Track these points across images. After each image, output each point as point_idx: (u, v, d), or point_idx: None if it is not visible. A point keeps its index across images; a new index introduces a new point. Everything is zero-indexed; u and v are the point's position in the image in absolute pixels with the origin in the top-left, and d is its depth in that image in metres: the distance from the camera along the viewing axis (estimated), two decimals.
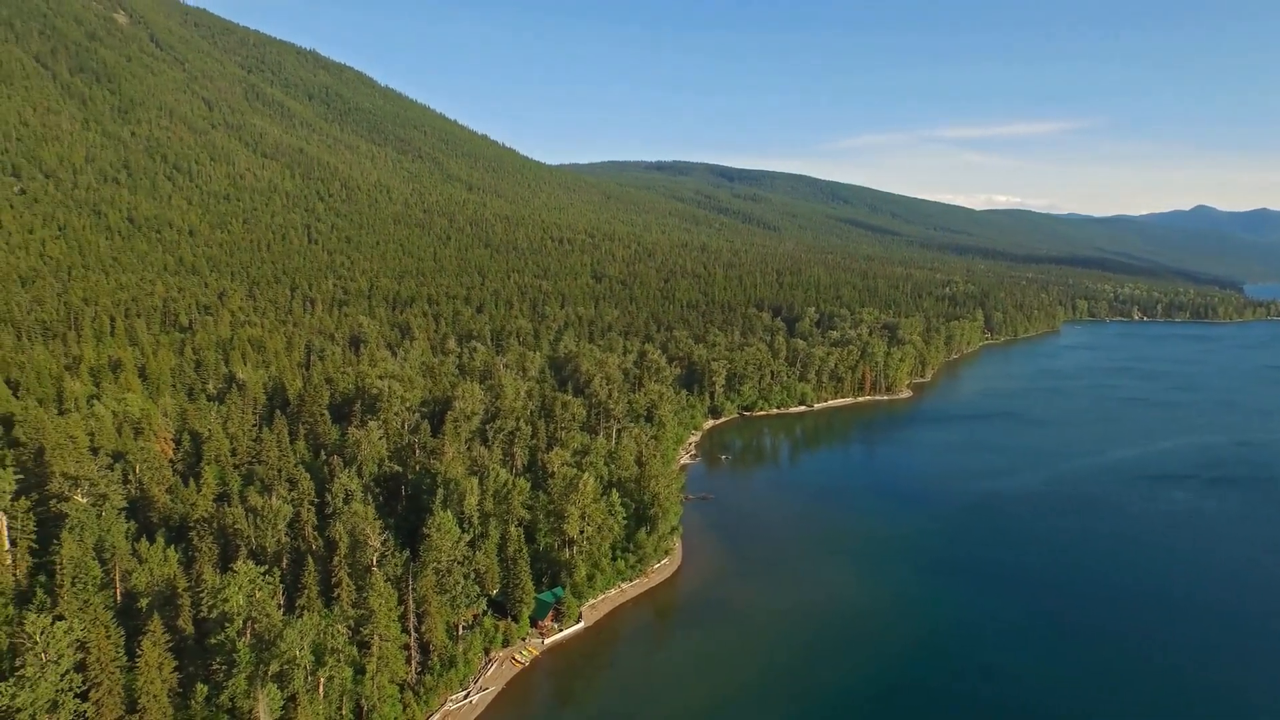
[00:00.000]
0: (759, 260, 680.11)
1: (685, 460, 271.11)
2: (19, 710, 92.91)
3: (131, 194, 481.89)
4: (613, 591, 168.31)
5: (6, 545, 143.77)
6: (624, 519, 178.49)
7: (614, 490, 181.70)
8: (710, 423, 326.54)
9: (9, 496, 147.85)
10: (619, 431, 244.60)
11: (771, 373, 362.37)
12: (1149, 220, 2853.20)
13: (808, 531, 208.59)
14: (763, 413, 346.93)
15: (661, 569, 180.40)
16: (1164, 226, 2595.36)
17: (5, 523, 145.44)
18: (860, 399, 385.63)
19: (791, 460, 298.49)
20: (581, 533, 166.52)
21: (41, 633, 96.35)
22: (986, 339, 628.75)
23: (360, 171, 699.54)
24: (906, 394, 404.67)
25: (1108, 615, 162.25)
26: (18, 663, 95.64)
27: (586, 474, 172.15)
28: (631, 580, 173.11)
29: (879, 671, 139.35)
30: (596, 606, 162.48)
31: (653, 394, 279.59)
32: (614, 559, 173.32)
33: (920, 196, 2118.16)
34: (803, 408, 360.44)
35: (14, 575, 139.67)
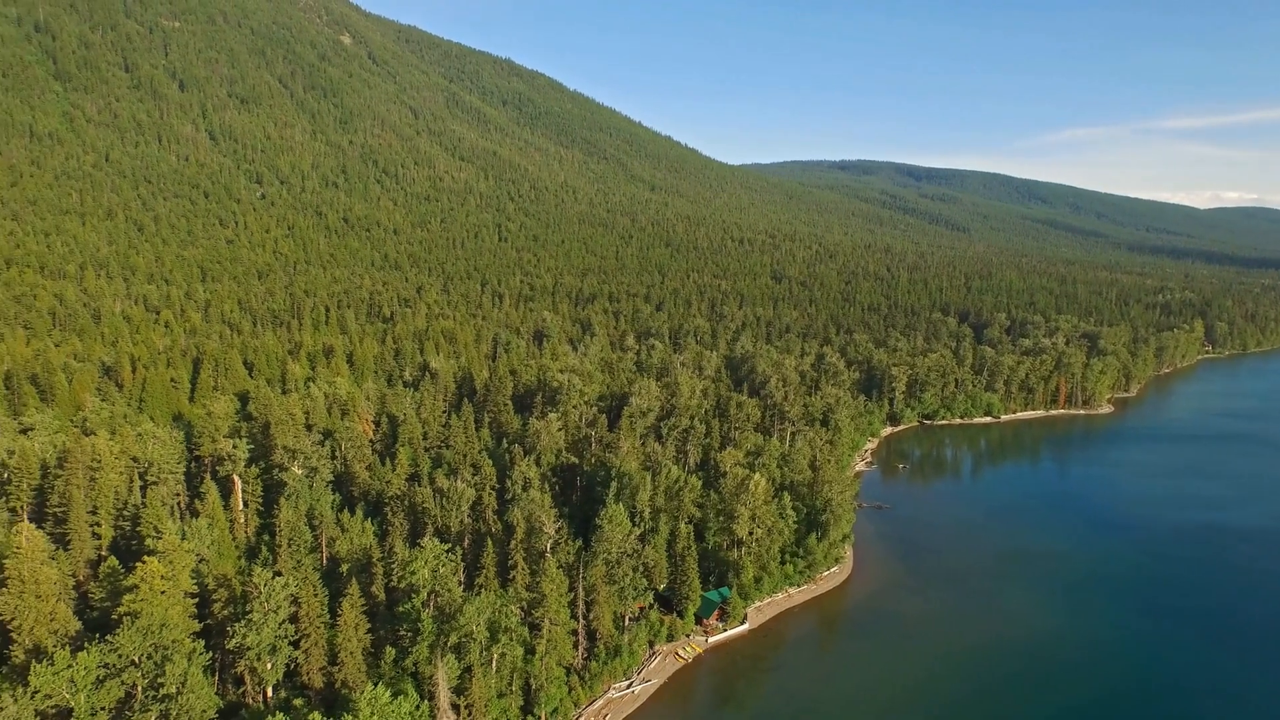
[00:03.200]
0: (946, 263, 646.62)
1: (860, 467, 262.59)
2: (249, 648, 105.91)
3: (347, 196, 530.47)
4: (779, 595, 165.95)
5: (240, 506, 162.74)
6: (795, 523, 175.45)
7: (786, 493, 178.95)
8: (888, 430, 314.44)
9: (243, 463, 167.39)
10: (793, 434, 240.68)
11: (956, 381, 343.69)
12: None
13: (989, 550, 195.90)
14: (945, 422, 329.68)
15: (831, 576, 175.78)
16: None
17: (240, 486, 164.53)
18: (1053, 412, 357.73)
19: (974, 473, 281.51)
20: (751, 534, 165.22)
21: (265, 585, 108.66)
22: (1206, 352, 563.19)
23: (548, 173, 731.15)
24: (1107, 409, 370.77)
25: None
26: (248, 608, 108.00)
27: (758, 475, 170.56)
28: (799, 585, 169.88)
29: (1064, 716, 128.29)
30: (762, 609, 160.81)
31: (829, 397, 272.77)
32: (782, 563, 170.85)
33: (1131, 195, 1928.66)
34: (988, 419, 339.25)
35: (245, 532, 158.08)
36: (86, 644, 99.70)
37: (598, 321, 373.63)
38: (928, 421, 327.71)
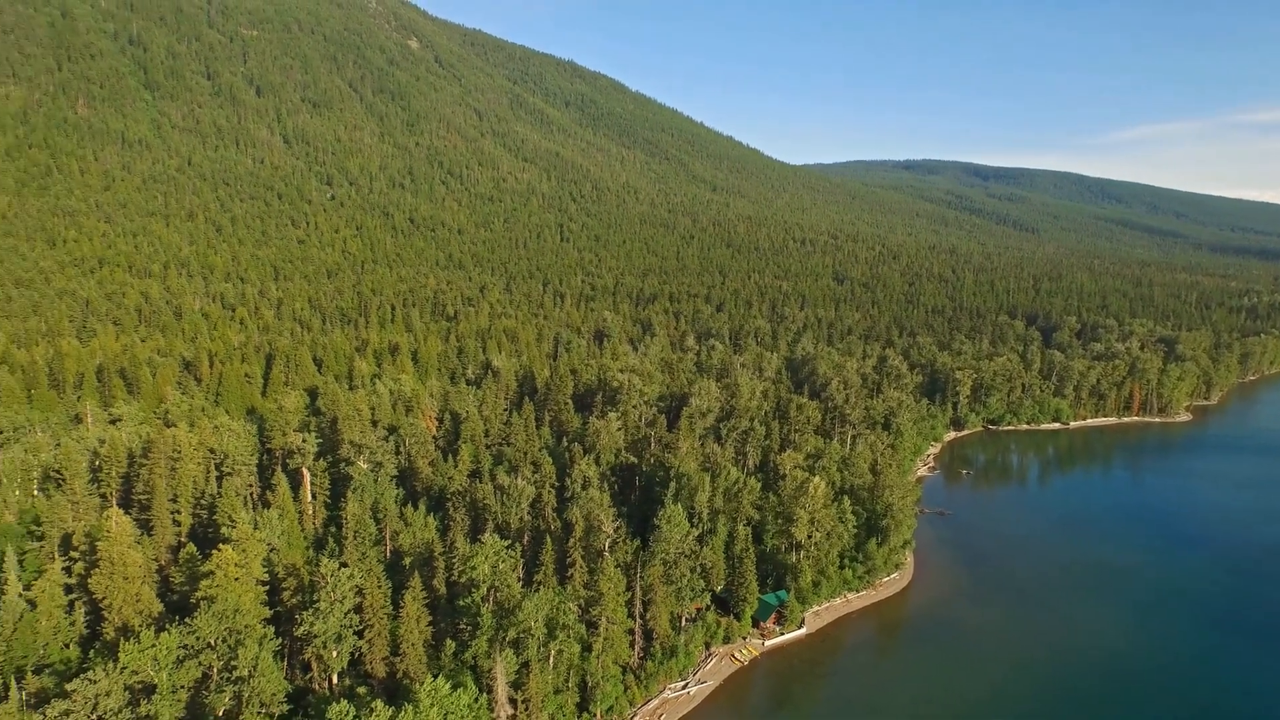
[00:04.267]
0: (1013, 264, 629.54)
1: (922, 472, 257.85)
2: (315, 636, 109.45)
3: (413, 197, 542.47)
4: (838, 600, 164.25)
5: (309, 498, 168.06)
6: (854, 527, 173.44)
7: (845, 497, 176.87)
8: (952, 435, 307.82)
9: (312, 457, 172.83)
10: (854, 438, 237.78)
11: (1023, 385, 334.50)
12: None
13: (1056, 561, 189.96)
14: (1010, 427, 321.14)
15: (891, 583, 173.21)
16: None
17: (309, 479, 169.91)
18: (1125, 419, 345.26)
19: (1041, 481, 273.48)
20: (810, 537, 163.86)
21: (331, 575, 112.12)
22: None
23: (610, 173, 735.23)
24: (1184, 417, 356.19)
25: None
26: (315, 597, 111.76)
27: (818, 478, 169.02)
28: (858, 591, 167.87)
29: None
30: (820, 614, 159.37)
31: (891, 401, 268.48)
32: (841, 567, 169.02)
33: (1214, 193, 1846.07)
34: (1056, 425, 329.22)
35: (313, 524, 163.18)
36: (168, 625, 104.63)
37: (658, 322, 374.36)
38: (993, 427, 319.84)
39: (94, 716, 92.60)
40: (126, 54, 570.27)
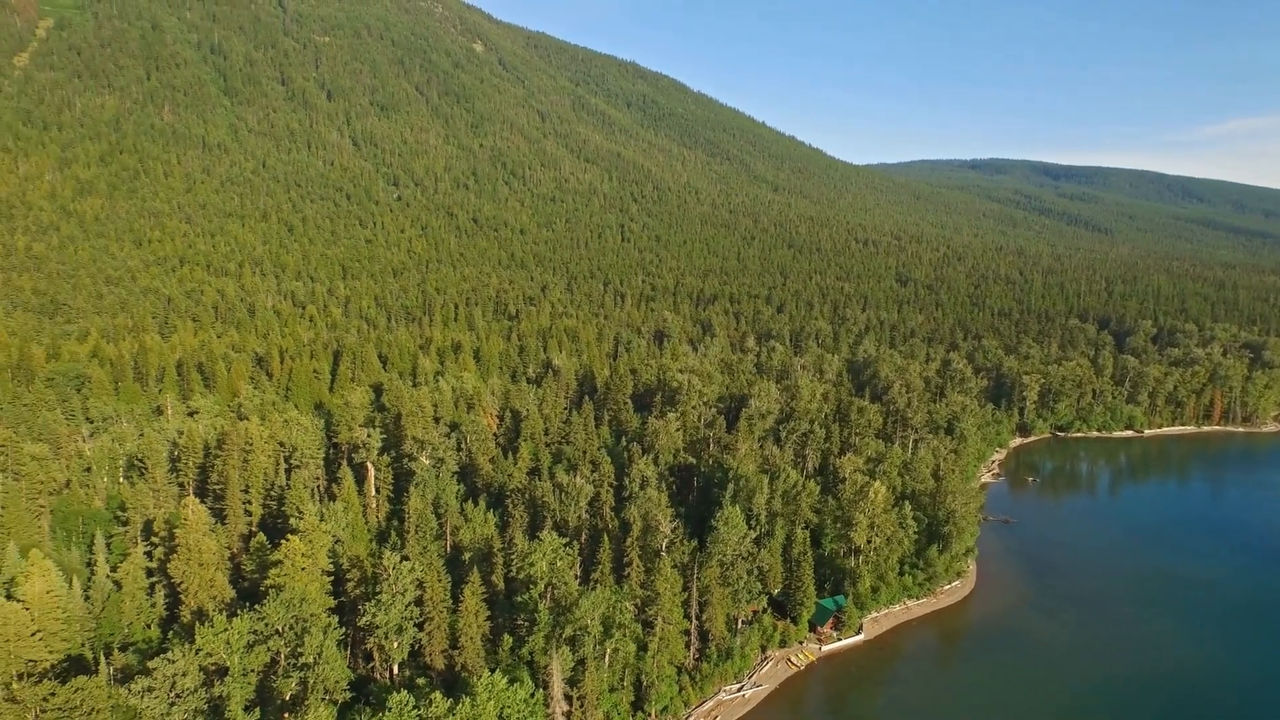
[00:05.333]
0: (1085, 266, 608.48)
1: (986, 478, 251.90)
2: (377, 627, 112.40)
3: (477, 198, 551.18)
4: (897, 607, 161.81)
5: (373, 491, 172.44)
6: (915, 533, 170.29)
7: (906, 503, 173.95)
8: (1018, 441, 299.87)
9: (376, 452, 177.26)
10: (916, 442, 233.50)
11: (1093, 391, 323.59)
12: None
13: (1129, 573, 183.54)
14: (1080, 434, 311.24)
15: (952, 591, 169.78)
16: None
17: (373, 473, 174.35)
18: (1205, 428, 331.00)
19: (1112, 490, 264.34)
20: (869, 542, 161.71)
21: (393, 568, 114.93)
22: None
23: (671, 174, 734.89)
24: (1272, 427, 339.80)
25: None
26: (378, 589, 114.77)
27: (878, 482, 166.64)
28: (919, 598, 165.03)
29: None
30: (879, 620, 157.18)
31: (955, 405, 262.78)
32: (901, 574, 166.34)
33: None
34: (1129, 433, 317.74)
35: (376, 517, 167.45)
36: (239, 611, 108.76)
37: (718, 322, 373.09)
38: (1061, 433, 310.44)
39: (173, 694, 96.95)
40: (208, 62, 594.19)
